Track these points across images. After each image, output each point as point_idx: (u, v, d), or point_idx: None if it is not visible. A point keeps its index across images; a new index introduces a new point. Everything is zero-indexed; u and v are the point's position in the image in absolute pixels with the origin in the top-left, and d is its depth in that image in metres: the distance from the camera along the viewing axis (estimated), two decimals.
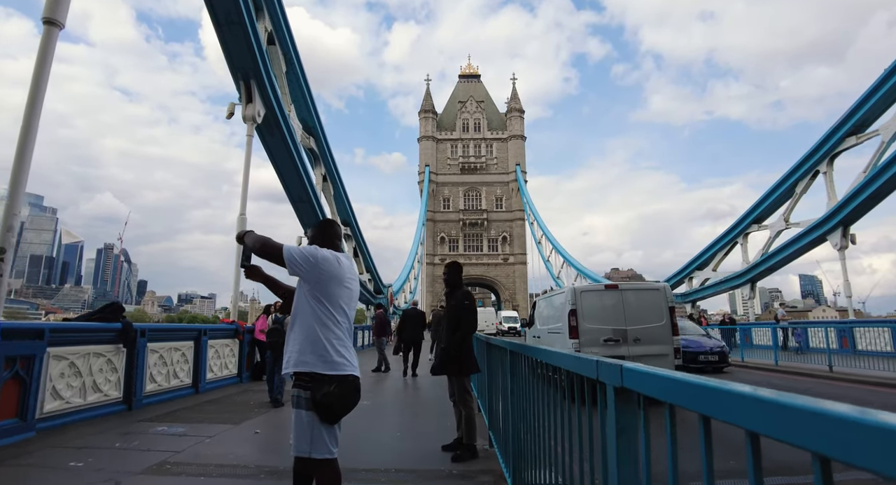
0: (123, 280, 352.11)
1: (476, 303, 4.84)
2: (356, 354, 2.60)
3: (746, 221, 23.63)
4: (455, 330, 4.53)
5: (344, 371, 2.43)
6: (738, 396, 0.75)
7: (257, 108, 11.81)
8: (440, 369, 4.69)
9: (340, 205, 20.46)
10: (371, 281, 28.59)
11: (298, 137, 14.96)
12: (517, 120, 68.37)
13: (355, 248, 24.00)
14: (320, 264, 2.45)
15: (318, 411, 2.36)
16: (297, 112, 15.33)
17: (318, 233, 2.75)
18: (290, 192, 15.00)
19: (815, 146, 19.59)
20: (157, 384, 7.45)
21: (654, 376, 1.05)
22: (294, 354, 2.44)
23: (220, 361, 9.57)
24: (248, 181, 11.41)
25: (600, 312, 8.02)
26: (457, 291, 4.76)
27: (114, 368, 6.55)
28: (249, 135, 11.78)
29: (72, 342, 5.95)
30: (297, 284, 2.59)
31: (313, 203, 15.48)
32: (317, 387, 2.36)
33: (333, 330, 2.48)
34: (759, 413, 0.69)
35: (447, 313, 4.72)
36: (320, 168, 17.74)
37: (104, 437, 5.26)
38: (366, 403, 7.65)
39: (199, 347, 8.67)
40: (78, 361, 5.97)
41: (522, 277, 64.17)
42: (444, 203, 66.50)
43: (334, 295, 2.49)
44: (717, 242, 25.85)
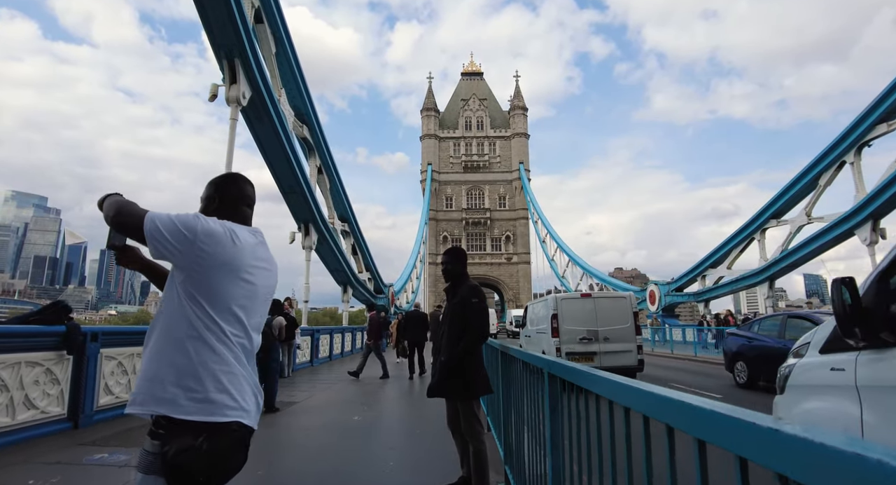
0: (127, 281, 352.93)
1: (486, 300, 3.62)
2: (257, 390, 1.60)
3: (764, 217, 22.44)
4: (460, 337, 3.41)
5: (223, 417, 1.42)
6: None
7: (242, 89, 10.78)
8: (439, 388, 3.48)
9: (337, 199, 19.40)
10: (371, 280, 27.54)
11: (290, 124, 13.92)
12: (520, 117, 67.63)
13: (354, 245, 22.94)
14: (199, 241, 1.49)
15: (169, 480, 1.36)
16: (288, 98, 14.29)
17: (212, 192, 1.74)
18: (280, 182, 13.95)
19: (842, 135, 18.39)
20: (115, 397, 6.40)
21: None
22: (144, 385, 1.43)
23: None
24: (232, 168, 10.38)
25: (577, 316, 9.59)
26: (461, 286, 3.63)
27: (55, 379, 5.53)
28: (234, 118, 10.75)
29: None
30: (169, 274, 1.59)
31: (306, 194, 14.43)
32: (174, 438, 1.37)
33: (215, 347, 1.46)
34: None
35: (449, 314, 3.61)
36: (315, 159, 16.67)
37: (19, 470, 4.21)
38: (356, 418, 6.60)
39: None
40: (4, 372, 4.94)
41: (526, 277, 63.42)
42: (447, 202, 65.96)
43: (221, 292, 1.51)
44: (731, 238, 24.65)
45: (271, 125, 12.23)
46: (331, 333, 16.54)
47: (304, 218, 15.46)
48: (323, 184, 17.94)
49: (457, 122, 68.82)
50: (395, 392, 9.52)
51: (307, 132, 15.88)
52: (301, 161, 14.12)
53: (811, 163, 19.89)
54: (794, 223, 21.18)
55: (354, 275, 21.76)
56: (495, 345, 4.23)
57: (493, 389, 3.83)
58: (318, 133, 16.13)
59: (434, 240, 62.97)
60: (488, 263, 63.83)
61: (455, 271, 3.73)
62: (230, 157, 10.44)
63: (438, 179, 65.13)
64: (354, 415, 6.78)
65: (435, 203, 63.72)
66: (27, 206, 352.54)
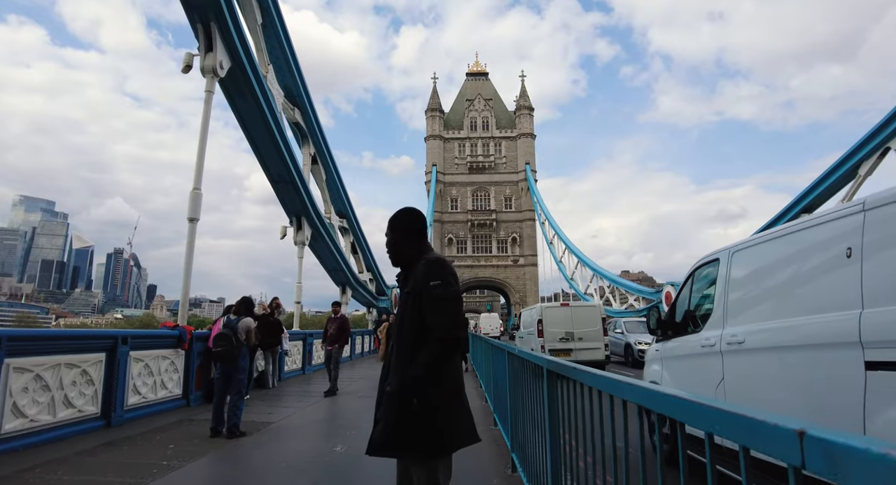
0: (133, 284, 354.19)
1: (457, 282, 2.13)
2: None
3: (795, 210, 20.72)
4: (416, 349, 2.01)
5: None
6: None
7: (219, 58, 9.39)
8: (382, 441, 2.02)
9: (334, 192, 17.92)
10: (373, 281, 26.05)
11: (279, 105, 12.53)
12: (526, 118, 66.56)
13: (353, 243, 21.46)
14: None
15: None
16: (277, 76, 12.89)
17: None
18: (267, 169, 12.52)
19: (886, 119, 16.76)
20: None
21: None
22: None
23: (154, 380, 7.07)
24: (206, 147, 9.00)
25: (558, 320, 11.97)
26: (416, 266, 2.17)
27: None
28: (209, 90, 9.35)
29: None
30: None
31: (297, 184, 12.98)
32: None
33: None
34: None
35: (399, 315, 2.22)
36: (308, 147, 15.25)
37: None
38: (338, 449, 5.11)
39: (115, 360, 6.18)
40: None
41: (533, 279, 62.09)
42: (452, 204, 64.95)
43: None
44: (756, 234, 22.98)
45: (255, 102, 10.83)
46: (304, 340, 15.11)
47: (296, 211, 14.00)
48: (318, 174, 16.50)
49: (462, 122, 67.94)
50: None
51: (299, 116, 14.47)
52: (292, 146, 12.70)
53: (850, 150, 18.24)
54: None
55: (354, 275, 20.29)
56: (515, 351, 3.85)
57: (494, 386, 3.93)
58: (311, 118, 14.71)
59: (439, 242, 62.04)
60: (494, 266, 62.72)
61: (404, 250, 2.25)
62: (204, 135, 9.05)
63: (443, 180, 64.17)
64: (337, 444, 5.29)
65: (440, 204, 62.78)
66: (35, 210, 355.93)
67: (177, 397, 7.59)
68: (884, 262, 2.31)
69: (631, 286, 38.00)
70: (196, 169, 8.81)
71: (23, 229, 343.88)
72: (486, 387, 6.97)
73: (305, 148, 15.19)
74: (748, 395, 3.33)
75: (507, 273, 62.30)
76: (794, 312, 2.94)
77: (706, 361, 3.84)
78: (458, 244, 63.13)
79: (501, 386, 4.69)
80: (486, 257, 62.71)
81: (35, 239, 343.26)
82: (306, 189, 13.68)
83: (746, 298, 3.60)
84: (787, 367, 2.95)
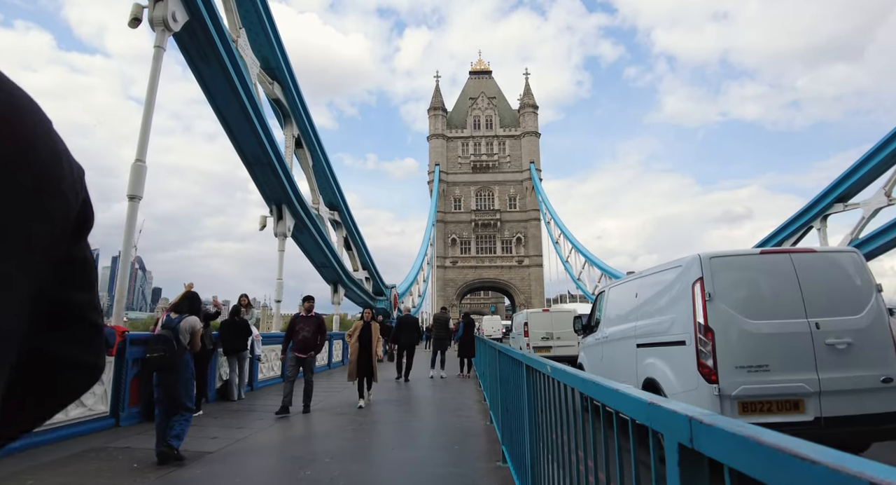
0: (138, 287, 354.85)
1: None
2: None
3: (827, 201, 18.92)
4: None
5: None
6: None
7: (171, 8, 7.89)
8: None
9: (323, 180, 16.31)
10: (369, 280, 24.43)
11: (252, 76, 11.02)
12: (531, 116, 65.27)
13: (346, 238, 19.84)
14: None
15: None
16: (252, 45, 11.35)
17: None
18: (240, 148, 10.96)
19: None
20: None
21: None
22: None
23: None
24: (153, 112, 7.48)
25: (540, 323, 15.11)
26: None
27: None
28: (158, 46, 7.84)
29: None
30: None
31: (275, 167, 11.43)
32: None
33: None
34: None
35: None
36: (291, 127, 13.72)
37: None
38: None
39: None
40: None
41: (538, 280, 60.67)
42: (455, 203, 63.85)
43: None
44: (783, 228, 21.12)
45: (220, 67, 9.32)
46: None
47: (276, 197, 12.43)
48: (304, 160, 14.92)
49: (465, 121, 66.82)
50: (379, 427, 6.47)
51: (280, 92, 12.92)
52: (268, 124, 11.15)
53: (889, 135, 16.52)
54: (869, 206, 17.70)
55: (346, 272, 18.68)
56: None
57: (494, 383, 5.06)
58: (294, 94, 13.14)
59: (442, 242, 60.87)
60: (499, 267, 61.39)
61: None
62: (151, 98, 7.54)
63: (446, 179, 62.95)
64: None
65: (443, 204, 61.60)
66: None
67: (101, 417, 6.02)
68: (642, 301, 5.55)
69: None
70: (140, 137, 7.30)
71: None
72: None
73: (288, 129, 13.63)
74: (609, 362, 6.26)
75: (511, 274, 60.96)
76: (621, 322, 6.02)
77: (598, 347, 6.73)
78: (462, 245, 62.09)
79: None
80: (490, 258, 61.59)
81: None
82: (287, 173, 12.10)
83: (611, 313, 6.55)
84: (618, 347, 6.00)
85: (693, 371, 4.28)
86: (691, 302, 4.41)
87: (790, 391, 4.11)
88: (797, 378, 4.12)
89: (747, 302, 4.35)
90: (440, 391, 9.90)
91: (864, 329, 4.27)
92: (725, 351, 4.17)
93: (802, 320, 4.23)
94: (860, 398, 4.11)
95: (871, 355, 4.25)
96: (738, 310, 4.29)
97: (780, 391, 4.11)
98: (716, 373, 4.13)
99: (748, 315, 4.27)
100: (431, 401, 8.87)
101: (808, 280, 4.36)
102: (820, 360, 4.15)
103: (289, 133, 13.62)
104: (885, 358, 4.26)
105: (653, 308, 5.27)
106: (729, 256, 4.59)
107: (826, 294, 4.39)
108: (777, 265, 4.51)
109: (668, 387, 4.65)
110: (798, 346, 4.18)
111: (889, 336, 4.35)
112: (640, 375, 5.17)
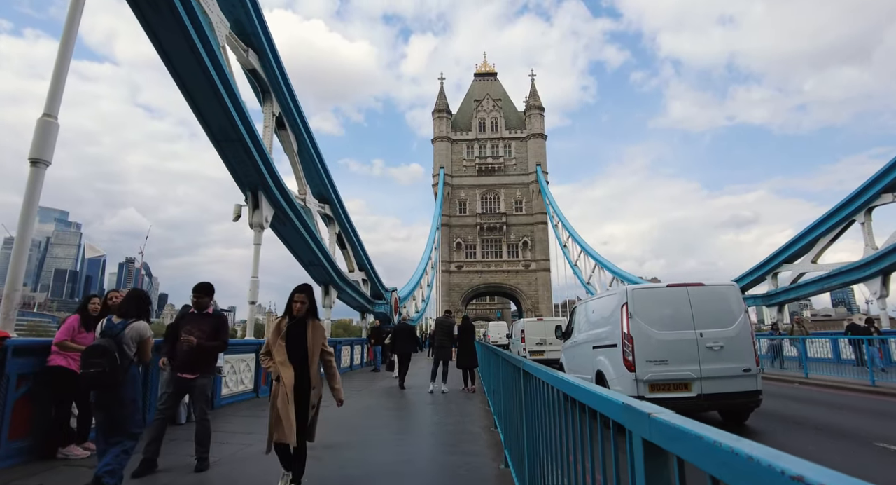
0: None
1: None
2: None
3: (873, 191, 16.94)
4: None
5: None
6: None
7: None
8: None
9: (311, 168, 14.61)
10: (367, 282, 22.71)
11: (220, 38, 9.44)
12: (537, 118, 64.12)
13: (340, 234, 18.15)
14: None
15: None
16: (220, 2, 9.76)
17: None
18: (205, 121, 9.29)
19: None
20: None
21: None
22: None
23: None
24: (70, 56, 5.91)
25: (535, 330, 18.08)
26: None
27: None
28: None
29: None
30: None
31: (246, 143, 9.79)
32: None
33: None
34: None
35: None
36: (271, 105, 12.10)
37: None
38: None
39: None
40: None
41: (546, 285, 59.06)
42: (461, 207, 62.74)
43: None
44: (819, 223, 19.12)
45: (175, 20, 7.75)
46: None
47: (251, 182, 10.78)
48: (287, 144, 13.27)
49: (470, 123, 65.92)
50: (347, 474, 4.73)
51: (257, 63, 11.29)
52: (238, 93, 9.53)
53: None
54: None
55: (339, 272, 16.97)
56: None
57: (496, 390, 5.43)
58: (273, 66, 11.49)
59: (447, 247, 59.57)
60: (505, 271, 59.94)
61: None
62: (67, 38, 5.97)
63: (451, 183, 61.75)
64: None
65: (448, 208, 60.40)
66: (49, 220, 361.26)
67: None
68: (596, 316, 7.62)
69: None
70: (51, 87, 5.71)
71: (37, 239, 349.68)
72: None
73: (267, 106, 12.02)
74: (578, 360, 8.11)
75: (518, 279, 59.46)
76: (585, 331, 8.02)
77: (572, 349, 8.77)
78: (467, 249, 60.85)
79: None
80: (495, 262, 60.30)
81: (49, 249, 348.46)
82: (262, 153, 10.45)
83: (581, 323, 8.52)
84: (583, 348, 7.76)
85: (621, 364, 6.38)
86: (620, 319, 6.51)
87: (681, 377, 6.21)
88: (686, 369, 6.21)
89: (655, 319, 6.44)
90: (438, 412, 8.16)
91: (733, 337, 6.34)
92: (640, 351, 6.25)
93: (691, 331, 6.31)
94: (727, 382, 6.22)
95: (736, 354, 6.33)
96: (649, 324, 6.39)
97: (674, 377, 6.22)
98: (634, 365, 6.25)
99: (656, 328, 6.38)
100: (425, 426, 7.10)
101: (697, 305, 6.45)
102: (702, 357, 6.23)
103: (268, 111, 11.97)
104: (746, 356, 6.38)
105: (600, 321, 7.42)
106: (646, 288, 6.91)
107: (709, 314, 6.43)
108: (677, 295, 6.56)
109: (608, 375, 6.75)
110: (687, 348, 6.27)
111: (750, 342, 6.44)
112: (593, 368, 7.24)
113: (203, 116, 9.38)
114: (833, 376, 12.48)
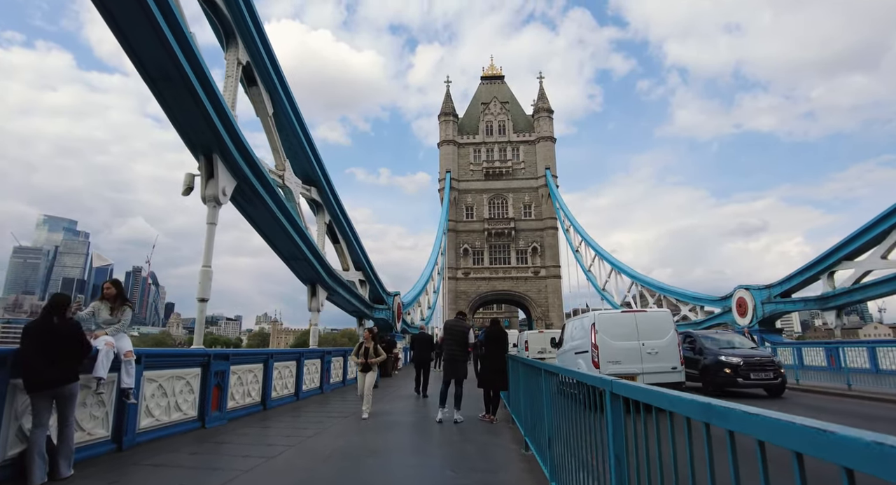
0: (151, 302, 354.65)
1: None
2: None
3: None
4: None
5: None
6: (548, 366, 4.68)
7: None
8: None
9: (292, 138, 11.85)
10: (365, 284, 20.15)
11: None
12: (545, 120, 62.13)
13: (330, 222, 15.50)
14: None
15: None
16: None
17: None
18: (133, 52, 6.85)
19: None
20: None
21: None
22: None
23: None
24: None
25: (537, 340, 19.94)
26: None
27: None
28: None
29: None
30: None
31: (192, 85, 7.37)
32: None
33: None
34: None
35: None
36: (236, 51, 9.52)
37: None
38: None
39: None
40: None
41: (556, 292, 56.49)
42: (467, 212, 60.64)
43: None
44: (891, 212, 16.18)
45: None
46: (266, 363, 9.30)
47: (203, 142, 8.24)
48: (260, 104, 10.75)
49: (477, 127, 64.11)
50: None
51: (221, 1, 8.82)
52: (180, 20, 7.12)
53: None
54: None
55: (329, 269, 14.33)
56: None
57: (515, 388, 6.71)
58: (240, 7, 9.06)
59: (454, 253, 57.38)
60: (513, 278, 57.42)
61: None
62: None
63: (458, 187, 59.75)
64: None
65: (454, 213, 58.35)
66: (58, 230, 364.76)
67: None
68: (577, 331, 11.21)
69: (685, 294, 31.35)
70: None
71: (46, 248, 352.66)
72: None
73: (232, 51, 9.49)
74: (566, 363, 10.91)
75: (527, 286, 56.89)
76: (569, 341, 11.66)
77: (563, 355, 11.97)
78: (475, 255, 58.48)
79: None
80: (504, 269, 57.86)
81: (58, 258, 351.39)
82: (217, 102, 7.90)
83: (567, 336, 12.02)
84: (569, 355, 11.29)
85: (591, 364, 9.62)
86: (590, 334, 9.91)
87: (630, 372, 9.29)
88: (633, 366, 9.48)
89: (614, 333, 9.86)
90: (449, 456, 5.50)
91: (665, 346, 9.85)
92: (603, 355, 9.61)
93: (636, 342, 9.78)
94: (661, 375, 9.41)
95: (667, 357, 9.77)
96: (609, 337, 9.79)
97: (626, 372, 9.17)
98: (599, 364, 9.52)
99: (613, 339, 9.78)
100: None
101: (641, 324, 10.02)
102: (643, 358, 9.63)
103: (232, 57, 9.44)
104: (673, 358, 9.82)
105: (578, 335, 10.93)
106: (608, 313, 10.95)
107: (648, 330, 9.98)
108: (628, 318, 10.21)
109: (583, 371, 8.23)
110: (634, 352, 9.70)
111: (677, 349, 9.97)
112: (576, 367, 9.09)
113: (131, 47, 6.97)
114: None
